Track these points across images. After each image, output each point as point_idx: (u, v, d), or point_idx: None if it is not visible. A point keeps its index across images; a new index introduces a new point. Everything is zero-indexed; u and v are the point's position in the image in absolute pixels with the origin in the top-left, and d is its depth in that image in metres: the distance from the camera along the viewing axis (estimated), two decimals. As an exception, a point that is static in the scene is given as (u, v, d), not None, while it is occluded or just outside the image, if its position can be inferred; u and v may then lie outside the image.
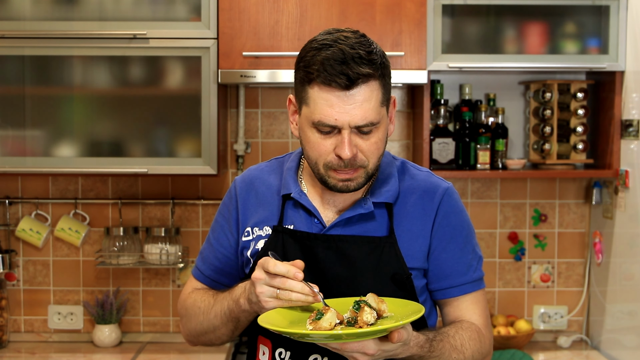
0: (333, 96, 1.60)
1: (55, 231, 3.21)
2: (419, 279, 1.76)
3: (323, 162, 1.66)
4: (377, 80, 1.62)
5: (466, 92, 3.19)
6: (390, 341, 1.49)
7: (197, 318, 1.83)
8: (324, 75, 1.59)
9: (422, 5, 2.87)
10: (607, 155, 3.07)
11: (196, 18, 2.89)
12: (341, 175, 1.66)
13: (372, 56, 1.61)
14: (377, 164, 1.70)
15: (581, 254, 3.34)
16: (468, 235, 1.80)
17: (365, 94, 1.60)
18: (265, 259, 1.58)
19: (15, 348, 3.19)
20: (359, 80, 1.59)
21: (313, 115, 1.63)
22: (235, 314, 1.71)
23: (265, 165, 1.89)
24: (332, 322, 1.51)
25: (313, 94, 1.62)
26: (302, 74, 1.64)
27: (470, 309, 1.79)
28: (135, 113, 2.94)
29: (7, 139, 2.93)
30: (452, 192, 1.80)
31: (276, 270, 1.56)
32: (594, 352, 3.17)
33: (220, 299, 1.77)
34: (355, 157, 1.64)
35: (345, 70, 1.58)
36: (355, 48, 1.60)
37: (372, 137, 1.65)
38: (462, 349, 1.69)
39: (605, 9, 2.98)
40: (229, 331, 1.77)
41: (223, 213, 1.88)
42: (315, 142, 1.65)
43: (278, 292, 1.56)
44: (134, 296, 3.30)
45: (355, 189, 1.70)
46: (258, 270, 1.59)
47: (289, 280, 1.56)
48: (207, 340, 1.85)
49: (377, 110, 1.63)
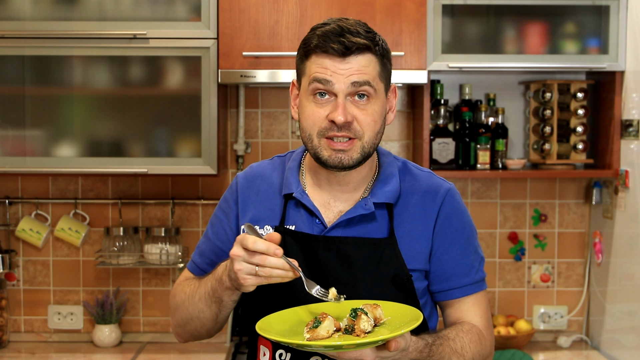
0: (329, 61, 1.63)
1: (55, 231, 3.21)
2: (420, 280, 1.75)
3: (317, 130, 1.66)
4: (374, 55, 1.66)
5: (466, 92, 3.19)
6: (387, 350, 1.48)
7: (184, 304, 1.80)
8: (321, 45, 1.63)
9: (422, 5, 2.87)
10: (607, 155, 3.07)
11: (196, 18, 2.89)
12: (335, 145, 1.66)
13: (370, 34, 1.66)
14: (372, 141, 1.69)
15: (581, 254, 3.34)
16: (470, 237, 1.80)
17: (361, 62, 1.64)
18: (244, 235, 1.54)
19: (15, 348, 3.19)
20: (354, 48, 1.62)
21: (309, 77, 1.66)
22: (219, 294, 1.67)
23: (267, 163, 1.89)
24: (330, 329, 1.51)
25: (310, 64, 1.66)
26: (301, 51, 1.69)
27: (471, 311, 1.78)
28: (135, 113, 2.94)
29: (7, 139, 2.93)
30: (454, 192, 1.79)
31: (255, 247, 1.52)
32: (594, 352, 3.17)
33: (204, 281, 1.75)
34: (350, 124, 1.65)
35: (342, 39, 1.62)
36: (353, 25, 1.65)
37: (368, 107, 1.66)
38: (462, 352, 1.68)
39: (605, 9, 2.97)
40: (212, 315, 1.74)
41: (223, 208, 1.87)
42: (311, 110, 1.67)
43: (257, 269, 1.53)
44: (134, 296, 3.30)
45: (349, 165, 1.68)
46: (236, 246, 1.55)
47: (269, 258, 1.52)
48: (193, 329, 1.81)
49: (373, 76, 1.66)
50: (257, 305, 1.75)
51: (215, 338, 3.27)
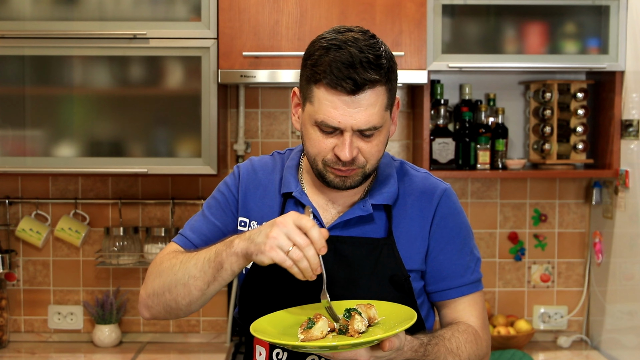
0: (338, 99, 1.59)
1: (55, 231, 3.21)
2: (417, 280, 1.75)
3: (322, 159, 1.66)
4: (383, 86, 1.61)
5: (466, 92, 3.19)
6: (382, 349, 1.48)
7: (172, 269, 1.67)
8: (330, 78, 1.58)
9: (422, 5, 2.87)
10: (607, 155, 3.07)
11: (196, 18, 2.89)
12: (338, 172, 1.66)
13: (380, 60, 1.59)
14: (376, 165, 1.70)
15: (581, 254, 3.34)
16: (466, 237, 1.80)
17: (370, 100, 1.60)
18: (304, 217, 1.49)
19: (15, 348, 3.19)
20: (365, 86, 1.58)
21: (317, 115, 1.62)
22: (222, 258, 1.58)
23: (268, 159, 1.87)
24: (324, 330, 1.51)
25: (318, 94, 1.61)
26: (308, 72, 1.63)
27: (467, 311, 1.78)
28: (135, 113, 2.94)
29: (7, 139, 2.93)
30: (450, 193, 1.79)
31: (310, 232, 1.47)
32: (594, 352, 3.17)
33: (206, 248, 1.66)
34: (354, 159, 1.64)
35: (352, 75, 1.56)
36: (364, 52, 1.58)
37: (374, 140, 1.65)
38: (458, 352, 1.68)
39: (605, 9, 2.97)
40: (204, 283, 1.61)
41: (223, 191, 1.83)
42: (316, 139, 1.65)
43: (291, 249, 1.47)
44: (134, 296, 3.30)
45: (351, 186, 1.69)
46: (287, 217, 1.49)
47: (312, 248, 1.47)
48: (171, 299, 1.67)
49: (381, 115, 1.62)
50: (253, 306, 1.74)
51: (216, 338, 3.27)
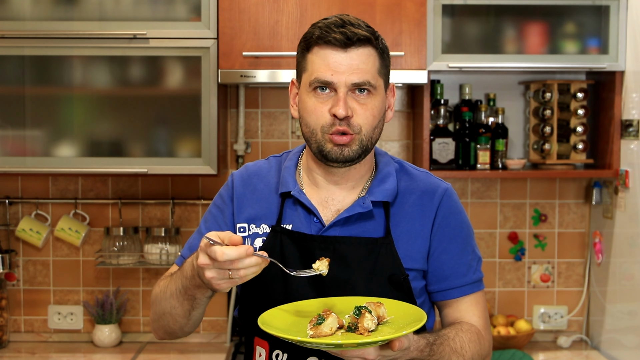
0: (330, 53, 1.66)
1: (55, 231, 3.21)
2: (417, 280, 1.75)
3: (321, 126, 1.68)
4: (374, 49, 1.69)
5: (466, 92, 3.19)
6: (391, 349, 1.48)
7: (157, 299, 1.77)
8: (322, 35, 1.67)
9: (422, 5, 2.87)
10: (607, 155, 3.07)
11: (196, 18, 2.89)
12: (336, 138, 1.67)
13: (370, 29, 1.70)
14: (371, 135, 1.71)
15: (581, 254, 3.34)
16: (468, 236, 1.80)
17: (362, 56, 1.67)
18: (208, 245, 1.49)
19: (15, 348, 3.19)
20: (356, 40, 1.66)
21: (311, 77, 1.68)
22: (191, 292, 1.64)
23: (263, 163, 1.89)
24: (333, 327, 1.51)
25: (312, 57, 1.69)
26: (303, 44, 1.72)
27: (469, 311, 1.78)
28: (135, 113, 2.94)
29: (7, 139, 2.93)
30: (451, 192, 1.80)
31: (226, 258, 1.47)
32: (594, 352, 3.17)
33: (174, 277, 1.71)
34: (349, 120, 1.67)
35: (343, 30, 1.66)
36: (355, 20, 1.70)
37: (368, 102, 1.68)
38: (462, 351, 1.69)
39: (605, 9, 2.97)
40: (185, 311, 1.70)
41: (218, 204, 1.86)
42: (313, 106, 1.69)
43: (230, 273, 1.49)
44: (134, 296, 3.30)
45: (349, 158, 1.69)
46: (202, 256, 1.51)
47: (241, 261, 1.48)
48: (165, 325, 1.77)
49: (373, 73, 1.68)
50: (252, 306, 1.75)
51: (216, 338, 3.27)
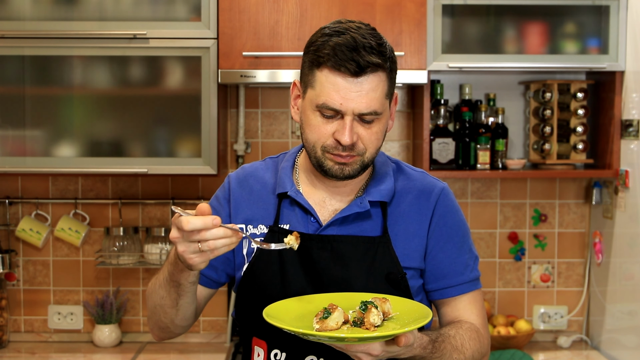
0: (341, 81, 1.61)
1: (55, 231, 3.21)
2: (415, 279, 1.76)
3: (321, 145, 1.67)
4: (385, 72, 1.64)
5: (466, 92, 3.19)
6: (396, 345, 1.49)
7: (151, 293, 1.77)
8: (334, 60, 1.60)
9: (422, 5, 2.87)
10: (607, 155, 3.07)
11: (196, 18, 2.89)
12: (338, 159, 1.67)
13: (382, 48, 1.63)
14: (374, 155, 1.70)
15: (581, 254, 3.34)
16: (464, 235, 1.81)
17: (372, 83, 1.62)
18: (177, 217, 1.50)
19: (15, 348, 3.19)
20: (368, 68, 1.61)
21: (318, 98, 1.64)
22: (176, 277, 1.64)
23: (259, 164, 1.89)
24: (339, 321, 1.52)
25: (321, 77, 1.64)
26: (311, 57, 1.66)
27: (468, 309, 1.79)
28: (135, 113, 2.94)
29: (7, 139, 2.93)
30: (447, 192, 1.81)
31: (191, 227, 1.47)
32: (594, 352, 3.17)
33: (162, 267, 1.73)
34: (354, 144, 1.65)
35: (356, 57, 1.60)
36: (367, 38, 1.62)
37: (374, 127, 1.66)
38: (462, 349, 1.69)
39: (605, 9, 2.98)
40: (172, 301, 1.70)
41: (214, 205, 1.85)
42: (316, 125, 1.66)
43: (200, 245, 1.49)
44: (134, 296, 3.30)
45: (350, 176, 1.69)
46: (173, 229, 1.51)
47: (209, 231, 1.48)
48: (158, 320, 1.78)
49: (381, 101, 1.65)
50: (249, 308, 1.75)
51: (216, 338, 3.27)
